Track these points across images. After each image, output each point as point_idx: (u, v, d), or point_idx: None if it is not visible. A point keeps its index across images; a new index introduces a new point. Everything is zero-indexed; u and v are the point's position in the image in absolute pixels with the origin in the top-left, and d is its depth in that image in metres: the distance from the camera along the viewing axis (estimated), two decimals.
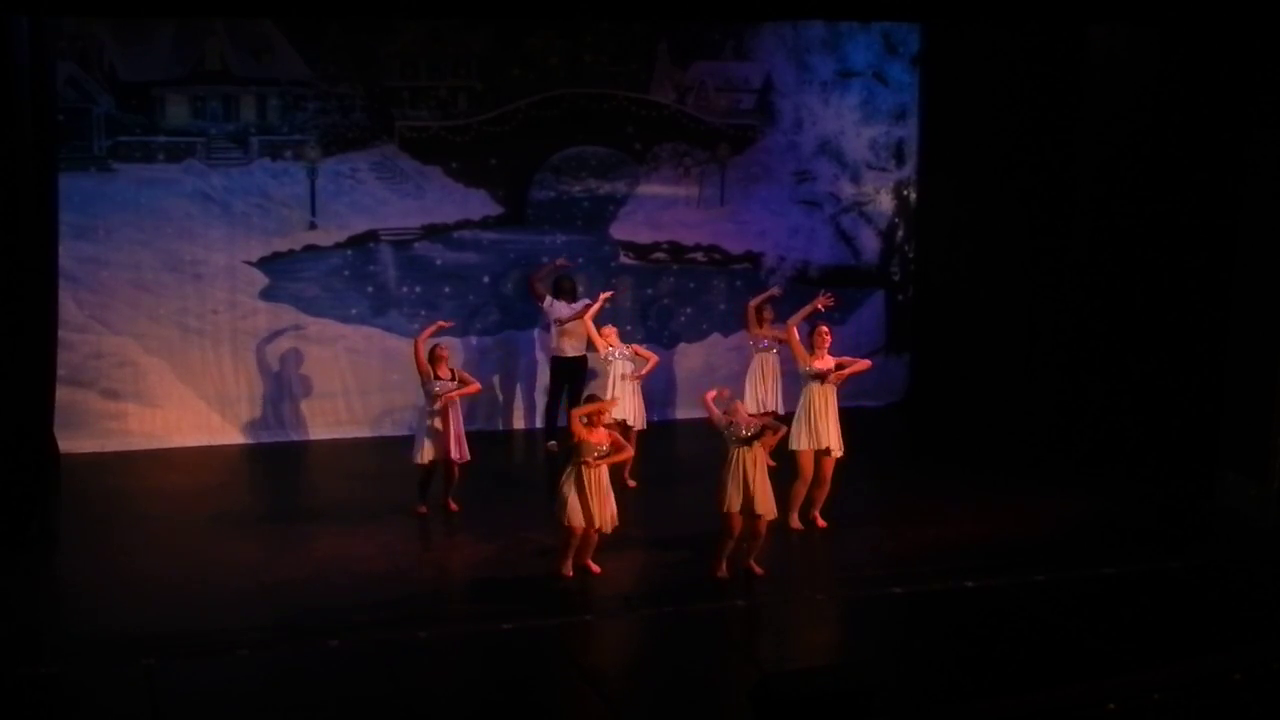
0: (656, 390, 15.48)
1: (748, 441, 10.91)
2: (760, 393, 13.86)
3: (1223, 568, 11.60)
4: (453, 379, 12.46)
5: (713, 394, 11.36)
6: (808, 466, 12.15)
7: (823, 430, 12.07)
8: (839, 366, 12.21)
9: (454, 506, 12.63)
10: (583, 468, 10.86)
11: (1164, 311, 13.62)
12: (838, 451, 12.14)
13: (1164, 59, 13.27)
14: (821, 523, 12.31)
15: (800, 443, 12.09)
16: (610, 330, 13.64)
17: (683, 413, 15.78)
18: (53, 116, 12.66)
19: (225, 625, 10.26)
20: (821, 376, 12.08)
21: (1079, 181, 14.14)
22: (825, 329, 12.29)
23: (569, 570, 11.14)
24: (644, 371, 13.42)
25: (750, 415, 11.41)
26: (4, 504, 11.56)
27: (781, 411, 13.59)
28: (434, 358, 12.45)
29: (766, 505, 11.03)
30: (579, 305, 14.41)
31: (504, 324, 15.43)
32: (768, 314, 14.09)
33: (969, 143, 15.26)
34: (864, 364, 12.44)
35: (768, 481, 11.05)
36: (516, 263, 15.37)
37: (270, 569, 11.38)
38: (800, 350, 12.21)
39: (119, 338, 14.43)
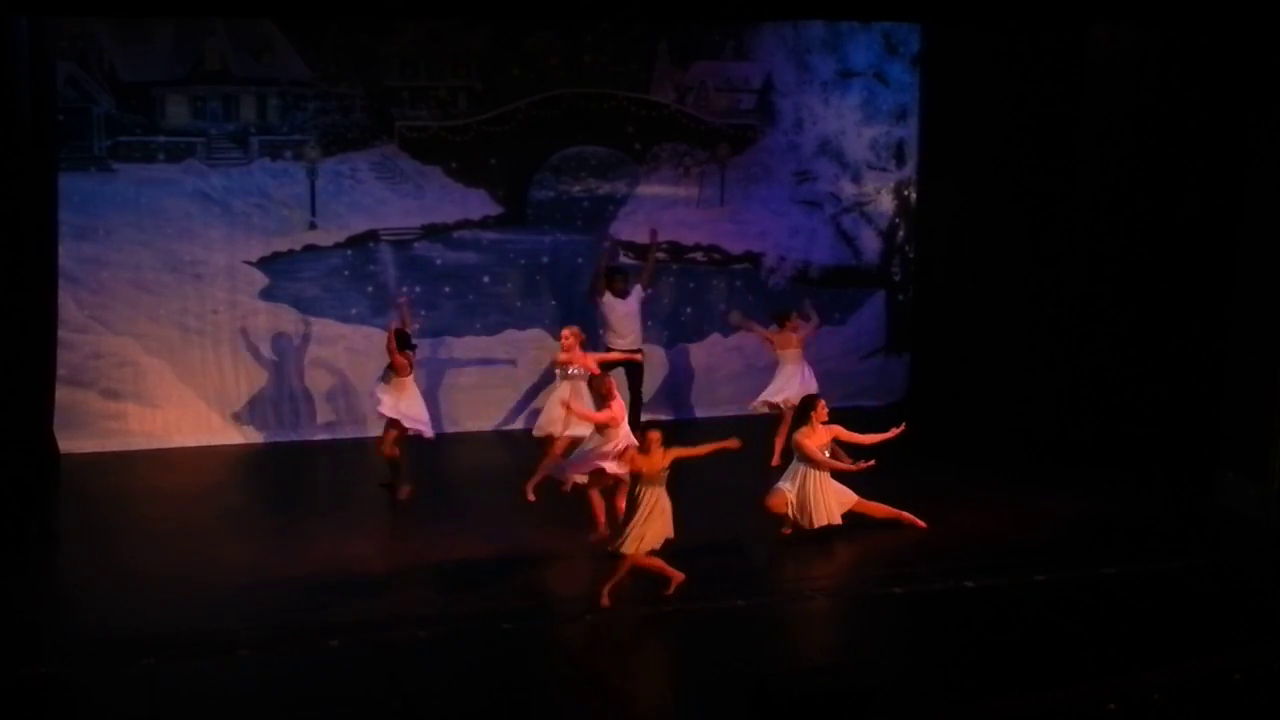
0: (656, 391, 15.51)
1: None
2: (786, 388, 13.86)
3: (1223, 568, 11.60)
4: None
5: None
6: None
7: (821, 509, 11.99)
8: (835, 440, 12.23)
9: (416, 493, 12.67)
10: (645, 492, 10.61)
11: (1164, 311, 13.62)
12: (841, 516, 12.09)
13: (1165, 59, 13.27)
14: (919, 522, 12.33)
15: (795, 514, 12.02)
16: (572, 335, 13.13)
17: (683, 413, 15.79)
18: (53, 116, 12.70)
19: (225, 625, 10.25)
20: (814, 461, 11.95)
21: (1079, 181, 14.14)
22: (823, 402, 12.28)
23: (607, 599, 10.76)
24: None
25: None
26: (4, 504, 11.56)
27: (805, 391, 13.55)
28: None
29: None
30: (631, 300, 14.67)
31: (504, 324, 15.43)
32: (792, 323, 14.14)
33: (969, 143, 15.26)
34: (870, 439, 12.28)
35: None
36: (516, 263, 15.38)
37: (270, 569, 11.37)
38: (813, 450, 12.01)
39: (119, 338, 14.44)
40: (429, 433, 13.15)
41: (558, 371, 13.02)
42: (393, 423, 12.88)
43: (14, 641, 9.94)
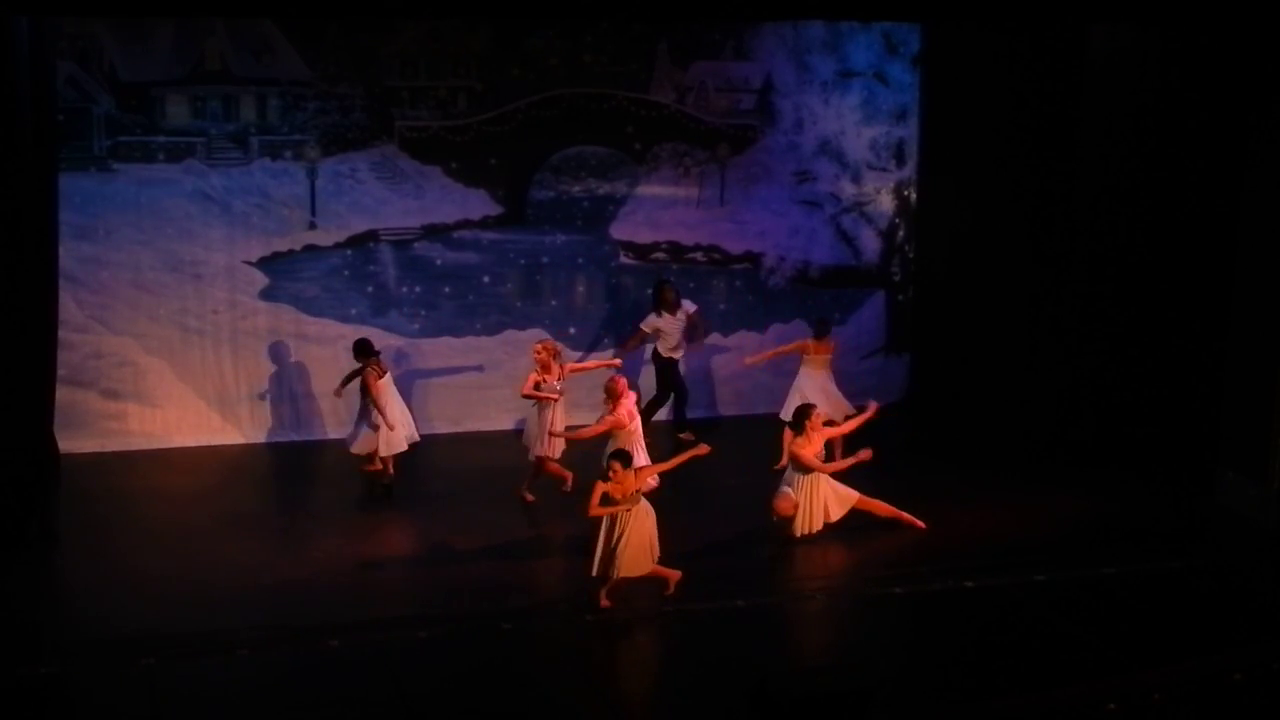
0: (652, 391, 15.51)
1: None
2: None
3: (1223, 568, 11.61)
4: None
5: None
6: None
7: (821, 512, 12.05)
8: (828, 443, 12.41)
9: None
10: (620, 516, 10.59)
11: (1164, 311, 13.62)
12: (841, 513, 12.16)
13: (1164, 59, 13.27)
14: (919, 522, 12.39)
15: (799, 526, 12.06)
16: (545, 350, 13.09)
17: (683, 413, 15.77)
18: (53, 116, 12.69)
19: (225, 625, 10.27)
20: (813, 469, 11.98)
21: (1079, 181, 14.14)
22: (818, 411, 12.41)
23: (606, 600, 10.80)
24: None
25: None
26: (4, 504, 11.56)
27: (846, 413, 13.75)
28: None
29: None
30: (680, 316, 14.89)
31: (504, 324, 15.43)
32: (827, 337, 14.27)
33: (969, 143, 15.25)
34: (851, 426, 12.56)
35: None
36: (516, 263, 15.39)
37: (270, 569, 11.38)
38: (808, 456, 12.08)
39: (119, 338, 14.44)
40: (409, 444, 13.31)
41: (541, 386, 12.95)
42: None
43: (14, 641, 9.94)
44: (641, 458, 11.91)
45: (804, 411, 12.26)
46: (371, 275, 15.02)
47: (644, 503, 10.69)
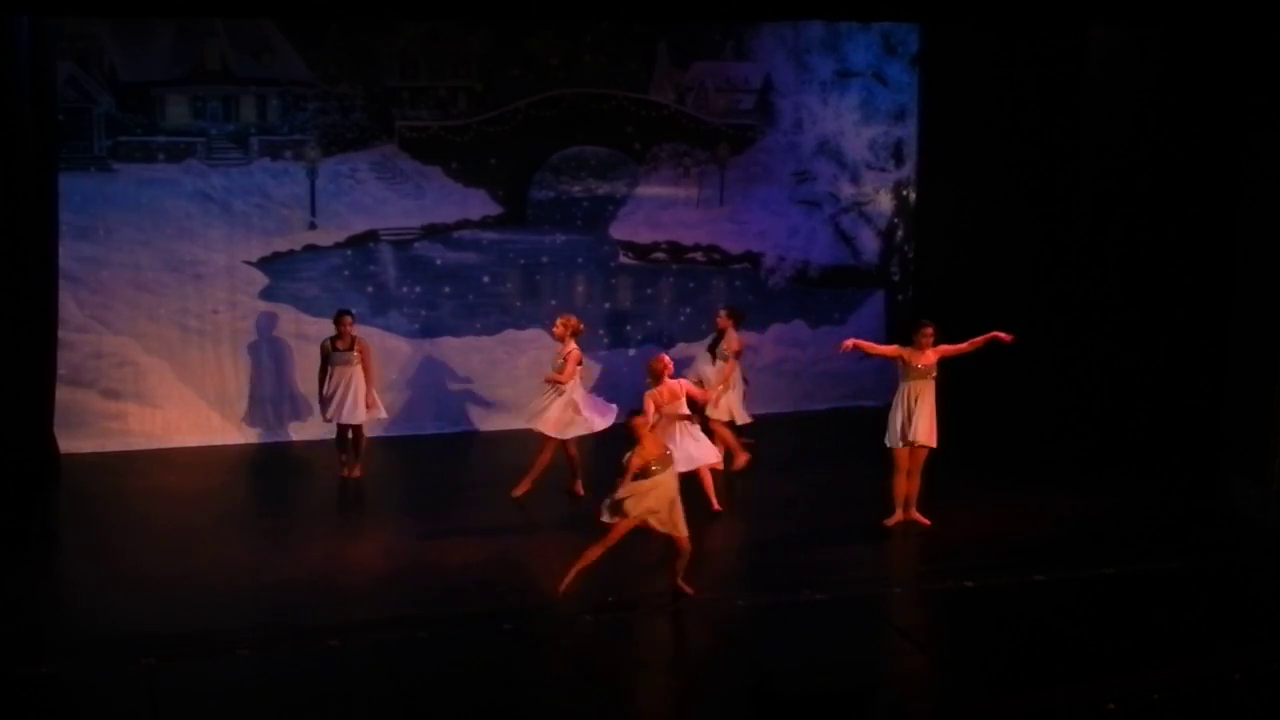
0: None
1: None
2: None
3: (1223, 568, 11.61)
4: (352, 348, 13.34)
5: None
6: (903, 461, 12.28)
7: (919, 424, 12.21)
8: (942, 358, 12.39)
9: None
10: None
11: (1164, 311, 13.61)
12: (929, 443, 12.28)
13: (1164, 59, 13.27)
14: (924, 520, 12.38)
15: (893, 439, 12.21)
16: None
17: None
18: (53, 116, 12.70)
19: (225, 625, 10.27)
20: (925, 373, 12.22)
21: (1079, 181, 14.14)
22: (929, 328, 12.38)
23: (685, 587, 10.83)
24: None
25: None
26: (4, 504, 11.55)
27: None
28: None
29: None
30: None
31: (504, 324, 15.44)
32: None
33: (969, 143, 15.26)
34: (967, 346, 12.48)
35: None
36: (516, 263, 15.39)
37: (270, 569, 11.38)
38: (897, 351, 12.35)
39: (119, 338, 14.44)
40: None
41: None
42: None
43: (14, 641, 9.94)
44: (689, 441, 12.09)
45: (920, 332, 12.32)
46: (371, 275, 15.03)
47: (673, 466, 10.66)
